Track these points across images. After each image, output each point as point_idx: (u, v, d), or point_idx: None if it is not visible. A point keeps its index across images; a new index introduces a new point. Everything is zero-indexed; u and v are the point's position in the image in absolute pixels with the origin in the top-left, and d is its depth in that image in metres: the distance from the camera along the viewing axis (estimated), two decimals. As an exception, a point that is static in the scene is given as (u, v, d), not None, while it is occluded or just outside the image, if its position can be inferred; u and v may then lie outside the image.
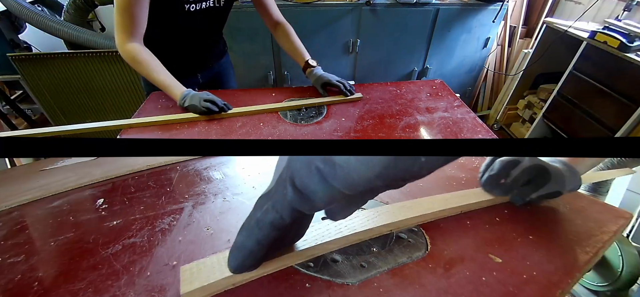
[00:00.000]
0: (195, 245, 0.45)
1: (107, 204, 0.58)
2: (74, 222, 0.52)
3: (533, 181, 0.56)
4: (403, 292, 0.36)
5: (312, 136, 0.82)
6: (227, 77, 1.23)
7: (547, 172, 0.55)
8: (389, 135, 0.81)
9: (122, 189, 0.65)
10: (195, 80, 1.12)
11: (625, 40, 1.44)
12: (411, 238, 0.45)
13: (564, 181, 0.56)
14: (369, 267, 0.39)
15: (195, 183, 0.67)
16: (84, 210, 0.57)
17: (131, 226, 0.49)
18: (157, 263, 0.40)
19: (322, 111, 0.92)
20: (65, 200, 0.62)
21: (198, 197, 0.59)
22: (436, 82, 1.10)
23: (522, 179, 0.56)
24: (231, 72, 1.26)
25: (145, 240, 0.46)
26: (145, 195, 0.61)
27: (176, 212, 0.53)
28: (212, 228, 0.49)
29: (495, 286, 0.37)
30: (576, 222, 0.53)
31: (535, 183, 0.56)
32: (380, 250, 0.42)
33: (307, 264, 0.39)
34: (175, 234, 0.47)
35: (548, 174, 0.55)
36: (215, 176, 0.70)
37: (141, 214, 0.53)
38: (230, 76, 1.25)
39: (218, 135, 0.82)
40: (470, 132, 0.83)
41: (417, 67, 2.12)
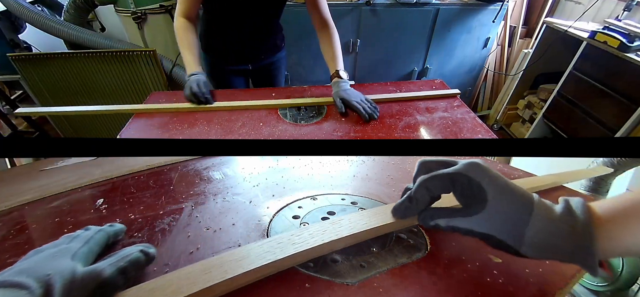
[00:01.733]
0: (195, 245, 0.45)
1: (107, 204, 0.58)
2: (74, 222, 0.52)
3: (458, 198, 0.36)
4: (403, 292, 0.36)
5: (312, 136, 0.82)
6: (276, 75, 1.22)
7: (479, 192, 0.34)
8: (389, 136, 0.81)
9: (122, 189, 0.65)
10: (245, 68, 1.15)
11: (625, 40, 1.44)
12: (411, 238, 0.45)
13: (508, 222, 0.32)
14: (369, 267, 0.39)
15: (195, 183, 0.67)
16: (83, 210, 0.57)
17: (131, 226, 0.49)
18: (157, 263, 0.40)
19: (322, 111, 0.92)
20: (65, 200, 0.62)
21: (198, 197, 0.59)
22: (436, 82, 1.10)
23: (437, 191, 0.37)
24: (282, 71, 1.24)
25: (145, 240, 0.46)
26: (145, 195, 0.61)
27: (176, 212, 0.53)
28: (212, 228, 0.49)
29: (495, 286, 0.37)
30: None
31: (464, 203, 0.36)
32: (380, 250, 0.42)
33: (306, 264, 0.39)
34: (175, 234, 0.47)
35: (482, 195, 0.33)
36: (215, 176, 0.70)
37: (141, 214, 0.53)
38: (280, 75, 1.23)
39: (218, 135, 0.82)
40: (470, 132, 0.83)
41: (417, 67, 2.12)
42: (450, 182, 0.36)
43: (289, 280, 0.37)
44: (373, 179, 0.68)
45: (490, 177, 0.34)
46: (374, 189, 0.62)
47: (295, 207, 0.55)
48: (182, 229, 0.48)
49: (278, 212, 0.53)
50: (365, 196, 0.59)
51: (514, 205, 0.33)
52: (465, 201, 0.36)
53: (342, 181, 0.66)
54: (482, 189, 0.34)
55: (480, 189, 0.34)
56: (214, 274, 0.33)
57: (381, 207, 0.46)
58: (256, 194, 0.60)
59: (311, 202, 0.56)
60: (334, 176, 0.69)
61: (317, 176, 0.69)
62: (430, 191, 0.37)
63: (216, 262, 0.35)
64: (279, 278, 0.37)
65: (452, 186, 0.36)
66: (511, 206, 0.33)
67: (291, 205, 0.55)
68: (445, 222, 0.36)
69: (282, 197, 0.59)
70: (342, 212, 0.52)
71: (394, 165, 0.75)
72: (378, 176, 0.69)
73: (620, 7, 1.69)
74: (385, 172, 0.71)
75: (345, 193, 0.60)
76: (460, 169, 0.35)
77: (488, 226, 0.33)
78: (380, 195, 0.60)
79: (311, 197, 0.58)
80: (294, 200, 0.57)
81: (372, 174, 0.70)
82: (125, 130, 0.86)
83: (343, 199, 0.57)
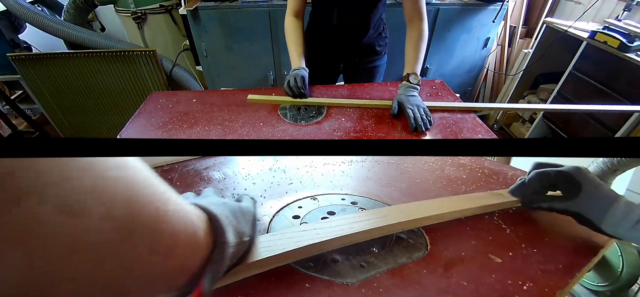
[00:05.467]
0: (195, 245, 0.45)
1: (107, 204, 0.58)
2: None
3: (560, 188, 0.50)
4: (403, 292, 0.36)
5: (312, 136, 0.82)
6: (369, 81, 1.15)
7: (576, 185, 0.47)
8: (389, 136, 0.81)
9: (122, 189, 0.65)
10: (336, 68, 1.16)
11: (625, 40, 1.44)
12: (411, 238, 0.45)
13: (594, 207, 0.46)
14: (369, 267, 0.39)
15: (195, 183, 0.67)
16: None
17: (131, 226, 0.49)
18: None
19: (322, 111, 0.92)
20: (65, 200, 0.62)
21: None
22: (436, 82, 1.10)
23: (546, 181, 0.51)
24: (377, 78, 1.18)
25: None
26: (145, 195, 0.61)
27: (176, 212, 0.53)
28: (212, 228, 0.49)
29: (495, 286, 0.37)
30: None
31: (564, 192, 0.49)
32: (380, 250, 0.42)
33: (307, 264, 0.39)
34: (175, 234, 0.47)
35: (577, 187, 0.47)
36: (215, 176, 0.70)
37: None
38: (373, 80, 1.17)
39: (218, 135, 0.82)
40: (470, 132, 0.83)
41: (417, 67, 2.12)
42: (555, 177, 0.49)
43: (289, 280, 0.37)
44: (373, 179, 0.68)
45: (587, 177, 0.47)
46: (374, 189, 0.62)
47: (295, 207, 0.55)
48: (182, 229, 0.48)
49: (278, 212, 0.53)
50: (365, 196, 0.59)
51: (600, 198, 0.45)
52: (565, 192, 0.49)
53: (342, 181, 0.66)
54: (578, 183, 0.47)
55: (577, 184, 0.47)
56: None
57: (383, 209, 0.46)
58: (256, 194, 0.60)
59: (311, 202, 0.56)
60: (334, 175, 0.69)
61: (317, 176, 0.69)
62: (541, 181, 0.51)
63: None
64: (279, 278, 0.37)
65: (556, 179, 0.49)
66: (598, 198, 0.45)
67: (291, 205, 0.55)
68: (547, 205, 0.50)
69: (282, 197, 0.59)
70: (342, 212, 0.52)
71: (394, 165, 0.75)
72: (378, 176, 0.69)
73: (620, 7, 1.69)
74: (386, 172, 0.71)
75: (345, 193, 0.60)
76: (566, 169, 0.49)
77: (579, 208, 0.47)
78: (380, 195, 0.60)
79: (311, 197, 0.58)
80: (294, 200, 0.57)
81: (372, 174, 0.70)
82: (125, 130, 0.86)
83: (343, 199, 0.57)
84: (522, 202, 0.54)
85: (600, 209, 0.45)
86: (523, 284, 0.37)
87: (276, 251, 0.36)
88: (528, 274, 0.39)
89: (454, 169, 0.74)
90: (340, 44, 1.08)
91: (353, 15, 1.01)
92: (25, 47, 2.07)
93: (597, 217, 0.45)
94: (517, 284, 0.37)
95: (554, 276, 0.39)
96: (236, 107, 0.93)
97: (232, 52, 1.91)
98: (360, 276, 0.37)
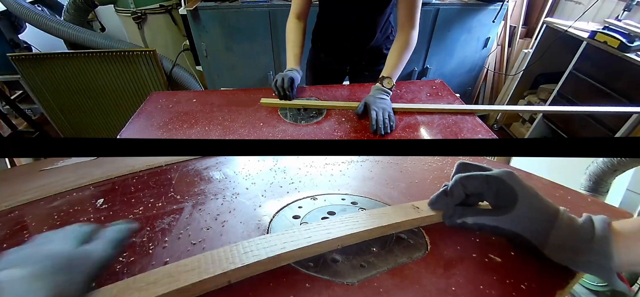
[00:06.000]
0: (195, 245, 0.45)
1: (107, 204, 0.58)
2: (74, 222, 0.52)
3: (487, 198, 0.40)
4: (403, 292, 0.36)
5: (312, 136, 0.82)
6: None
7: (510, 194, 0.37)
8: (389, 135, 0.81)
9: (122, 189, 0.65)
10: (343, 69, 1.16)
11: (625, 40, 1.44)
12: (411, 238, 0.45)
13: (534, 224, 0.36)
14: (369, 267, 0.39)
15: (195, 183, 0.67)
16: (83, 210, 0.57)
17: (131, 226, 0.49)
18: (157, 263, 0.40)
19: (322, 111, 0.92)
20: (65, 200, 0.62)
21: (198, 197, 0.59)
22: (436, 82, 1.10)
23: (471, 190, 0.40)
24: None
25: (145, 240, 0.46)
26: (145, 195, 0.61)
27: (176, 212, 0.53)
28: (213, 228, 0.49)
29: (495, 286, 0.37)
30: (576, 222, 0.53)
31: (494, 204, 0.39)
32: (380, 250, 0.42)
33: (307, 264, 0.39)
34: (175, 234, 0.47)
35: (512, 197, 0.37)
36: (215, 176, 0.70)
37: (141, 214, 0.53)
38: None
39: (218, 135, 0.82)
40: (470, 132, 0.83)
41: (417, 67, 2.12)
42: (485, 183, 0.38)
43: (289, 280, 0.37)
44: (373, 179, 0.68)
45: (522, 184, 0.37)
46: (374, 189, 0.62)
47: (296, 207, 0.55)
48: (183, 229, 0.49)
49: (278, 212, 0.53)
50: (365, 196, 0.59)
51: (541, 210, 0.36)
52: (496, 202, 0.38)
53: (342, 181, 0.66)
54: (514, 192, 0.36)
55: (511, 193, 0.36)
56: (212, 267, 0.33)
57: (383, 209, 0.46)
58: (256, 194, 0.60)
59: (311, 202, 0.56)
60: (334, 175, 0.69)
61: (317, 176, 0.69)
62: (466, 188, 0.40)
63: (215, 256, 0.35)
64: (279, 278, 0.37)
65: (486, 186, 0.38)
66: (539, 210, 0.35)
67: (291, 205, 0.55)
68: (472, 220, 0.39)
69: (282, 197, 0.59)
70: (342, 212, 0.52)
71: (394, 165, 0.75)
72: (378, 176, 0.69)
73: (620, 7, 1.69)
74: (385, 172, 0.71)
75: (345, 193, 0.60)
76: (496, 173, 0.38)
77: (515, 225, 0.36)
78: (380, 195, 0.60)
79: (311, 197, 0.58)
80: (294, 200, 0.57)
81: (372, 174, 0.70)
82: (125, 130, 0.86)
83: (343, 199, 0.57)
84: (443, 216, 0.44)
85: (542, 227, 0.35)
86: (523, 284, 0.37)
87: (276, 251, 0.36)
88: (528, 274, 0.39)
89: (454, 169, 0.74)
90: (346, 47, 1.08)
91: (359, 18, 1.00)
92: (25, 47, 2.07)
93: (538, 238, 0.35)
94: (517, 284, 0.37)
95: (554, 276, 0.39)
96: (236, 107, 0.93)
97: (232, 52, 1.91)
98: (360, 276, 0.37)
